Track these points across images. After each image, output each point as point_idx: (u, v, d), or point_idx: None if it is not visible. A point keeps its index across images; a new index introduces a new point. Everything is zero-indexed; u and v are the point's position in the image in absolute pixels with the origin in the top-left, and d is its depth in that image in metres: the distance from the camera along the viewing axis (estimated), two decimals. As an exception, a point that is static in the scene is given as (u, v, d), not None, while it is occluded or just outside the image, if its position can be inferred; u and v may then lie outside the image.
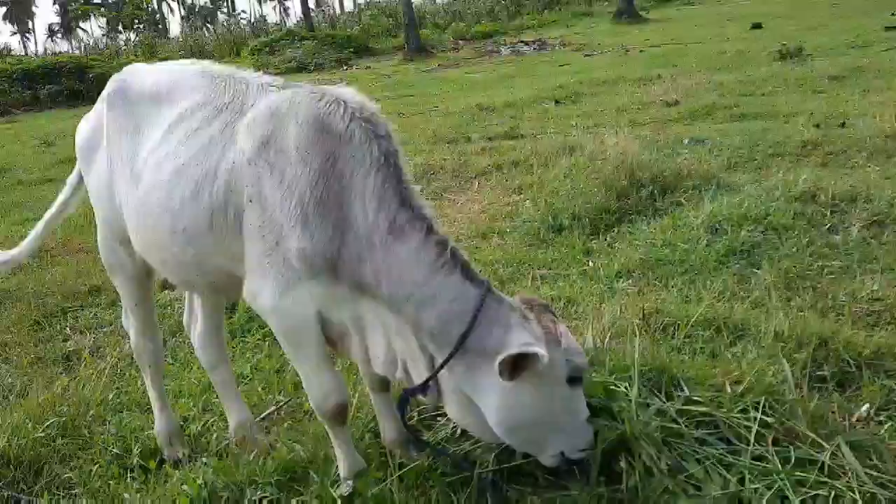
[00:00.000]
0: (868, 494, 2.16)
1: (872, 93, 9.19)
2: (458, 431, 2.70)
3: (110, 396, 3.57)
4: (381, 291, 2.19)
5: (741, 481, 2.26)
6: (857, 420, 2.53)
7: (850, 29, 16.46)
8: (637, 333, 3.03)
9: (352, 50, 28.65)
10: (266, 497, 2.53)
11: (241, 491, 2.58)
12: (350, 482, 2.44)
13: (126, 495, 2.70)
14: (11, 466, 3.00)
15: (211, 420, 3.32)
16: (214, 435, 3.16)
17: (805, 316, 3.21)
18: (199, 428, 3.27)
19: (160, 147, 2.43)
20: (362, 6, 52.32)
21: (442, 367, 2.18)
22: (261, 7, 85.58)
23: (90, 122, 2.75)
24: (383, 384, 2.68)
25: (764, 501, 2.17)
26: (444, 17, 43.07)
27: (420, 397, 2.37)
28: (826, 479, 2.22)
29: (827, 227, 4.47)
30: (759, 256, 4.17)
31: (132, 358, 4.02)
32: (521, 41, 26.91)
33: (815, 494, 2.19)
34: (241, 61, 26.48)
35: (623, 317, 3.34)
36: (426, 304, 2.15)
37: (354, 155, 2.18)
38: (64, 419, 3.26)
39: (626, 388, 2.57)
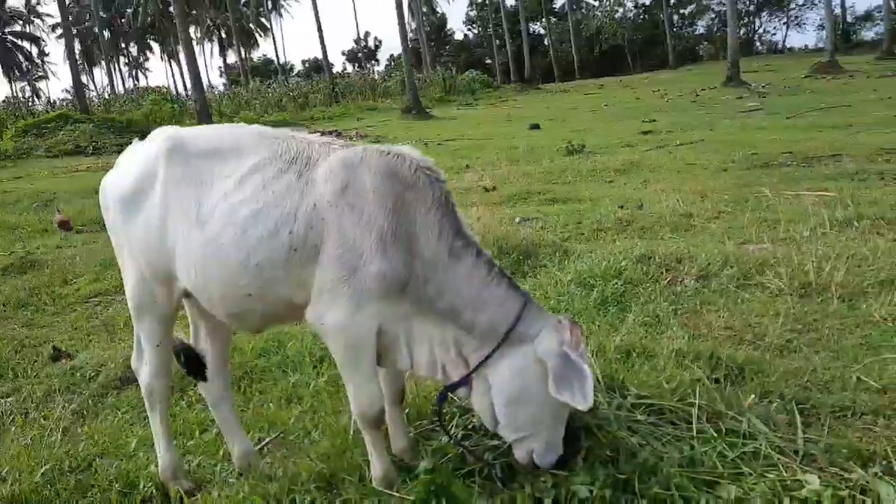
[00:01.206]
0: (776, 447, 3.01)
1: (651, 182, 11.03)
2: (461, 434, 3.22)
3: (80, 448, 3.61)
4: (444, 304, 2.71)
5: (691, 448, 3.02)
6: (749, 405, 3.41)
7: (614, 132, 19.27)
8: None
9: (135, 134, 27.83)
10: (308, 499, 2.86)
11: (279, 501, 2.88)
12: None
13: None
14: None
15: (197, 459, 3.52)
16: (218, 466, 3.39)
17: (692, 339, 4.16)
18: (189, 466, 3.45)
19: (234, 194, 2.78)
20: (142, 90, 50.86)
21: (488, 358, 2.70)
22: (11, 87, 79.03)
23: (132, 176, 2.97)
24: (399, 397, 3.16)
25: (713, 458, 2.93)
26: (230, 105, 43.26)
27: (458, 391, 2.86)
28: (748, 441, 3.05)
29: (667, 280, 5.58)
30: (627, 303, 5.14)
31: (72, 415, 4.11)
32: (317, 131, 27.73)
33: (743, 452, 3.00)
34: (3, 144, 24.69)
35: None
36: (481, 309, 2.71)
37: (418, 196, 2.74)
38: (46, 467, 3.31)
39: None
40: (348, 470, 3.04)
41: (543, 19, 72.62)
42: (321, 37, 51.77)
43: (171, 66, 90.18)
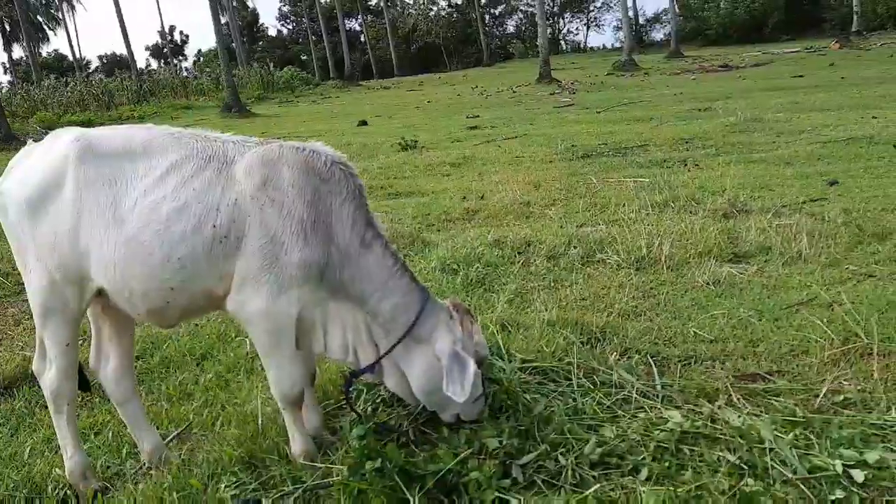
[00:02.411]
0: (642, 392, 3.54)
1: (486, 175, 11.65)
2: (370, 409, 3.48)
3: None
4: (355, 289, 2.98)
5: (574, 400, 3.48)
6: (614, 361, 3.93)
7: (441, 128, 19.89)
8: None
9: None
10: (234, 483, 3.01)
11: (205, 487, 3.00)
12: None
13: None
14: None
15: (100, 460, 3.52)
16: (127, 464, 3.42)
17: (558, 310, 4.66)
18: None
19: (153, 192, 2.85)
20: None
21: (392, 348, 3.01)
22: None
23: (37, 179, 2.92)
24: (311, 379, 3.36)
25: (594, 406, 3.40)
26: (22, 104, 39.81)
27: (365, 376, 3.15)
28: (619, 390, 3.56)
29: (521, 262, 6.10)
30: (490, 284, 5.59)
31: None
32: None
33: (616, 399, 3.50)
34: None
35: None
36: (386, 297, 3.00)
37: (333, 189, 2.96)
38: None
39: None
40: (266, 451, 3.22)
41: (360, 16, 72.94)
42: (124, 31, 48.87)
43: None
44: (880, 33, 42.90)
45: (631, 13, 57.31)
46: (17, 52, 78.62)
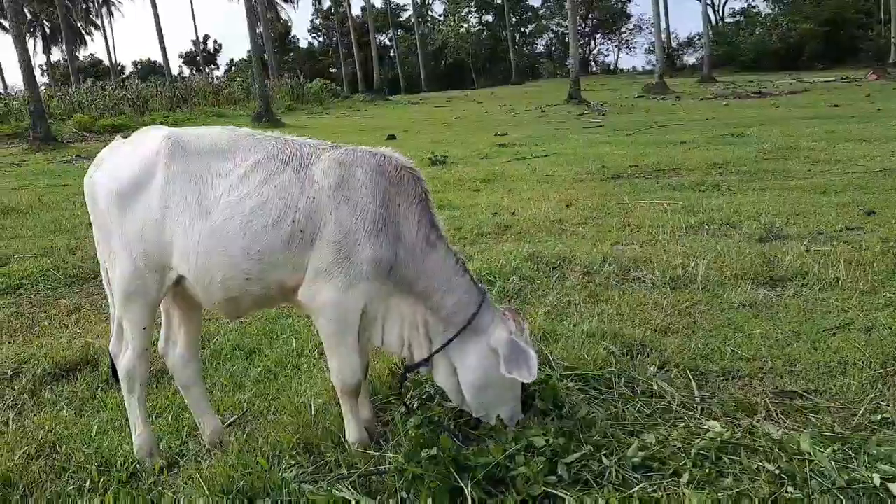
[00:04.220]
0: (682, 403, 3.64)
1: (515, 192, 11.76)
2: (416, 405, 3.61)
3: (38, 436, 3.71)
4: (420, 286, 3.15)
5: (615, 407, 3.58)
6: (654, 373, 4.03)
7: (470, 144, 20.07)
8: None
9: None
10: (292, 465, 3.17)
11: (269, 464, 3.17)
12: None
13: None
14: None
15: (162, 441, 3.71)
16: (189, 444, 3.63)
17: (597, 321, 4.77)
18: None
19: (238, 188, 3.07)
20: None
21: (451, 341, 3.16)
22: None
23: (129, 172, 3.15)
24: (364, 372, 3.51)
25: (635, 413, 3.50)
26: (60, 105, 40.68)
27: (420, 369, 3.30)
28: (659, 399, 3.66)
29: (556, 277, 6.21)
30: (526, 296, 5.71)
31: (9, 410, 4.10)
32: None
33: (656, 408, 3.60)
34: None
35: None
36: (449, 293, 3.18)
37: (402, 191, 3.15)
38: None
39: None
40: (321, 438, 3.37)
41: (390, 31, 73.71)
42: (161, 38, 49.90)
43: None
44: (917, 65, 42.59)
45: (664, 36, 57.41)
46: (55, 55, 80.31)
